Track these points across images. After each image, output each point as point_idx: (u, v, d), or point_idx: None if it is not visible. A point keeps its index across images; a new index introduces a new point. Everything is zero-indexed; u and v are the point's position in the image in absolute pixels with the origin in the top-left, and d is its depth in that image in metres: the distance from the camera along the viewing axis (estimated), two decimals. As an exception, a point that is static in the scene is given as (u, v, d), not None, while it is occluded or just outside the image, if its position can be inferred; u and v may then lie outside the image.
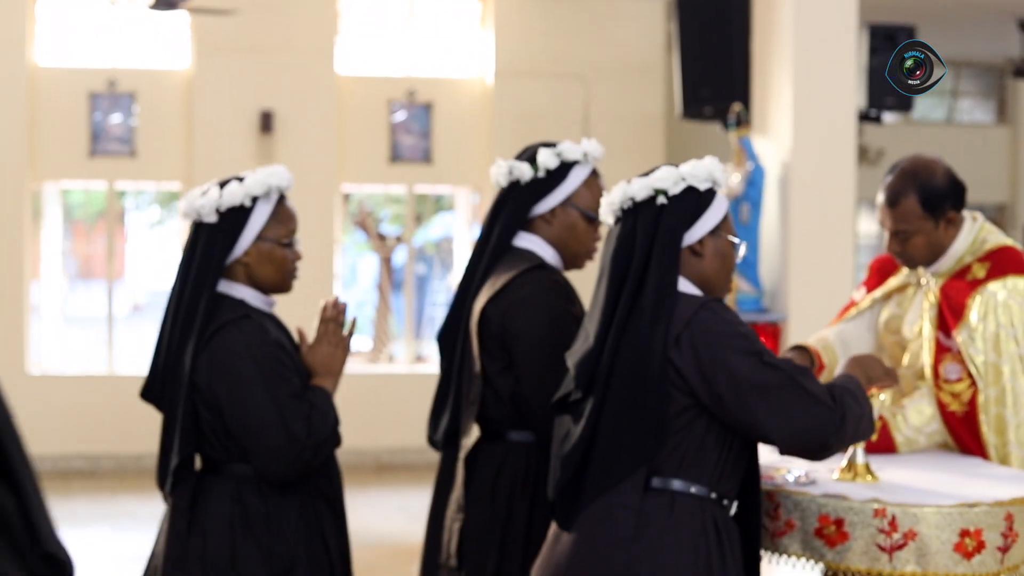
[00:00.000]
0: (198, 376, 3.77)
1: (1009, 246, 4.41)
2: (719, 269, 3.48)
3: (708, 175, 3.46)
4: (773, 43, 8.96)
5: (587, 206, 4.10)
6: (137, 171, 12.43)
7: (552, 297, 3.97)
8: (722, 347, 3.27)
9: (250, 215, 3.88)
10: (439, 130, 12.87)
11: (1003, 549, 3.50)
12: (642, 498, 3.27)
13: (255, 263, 3.89)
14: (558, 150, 4.12)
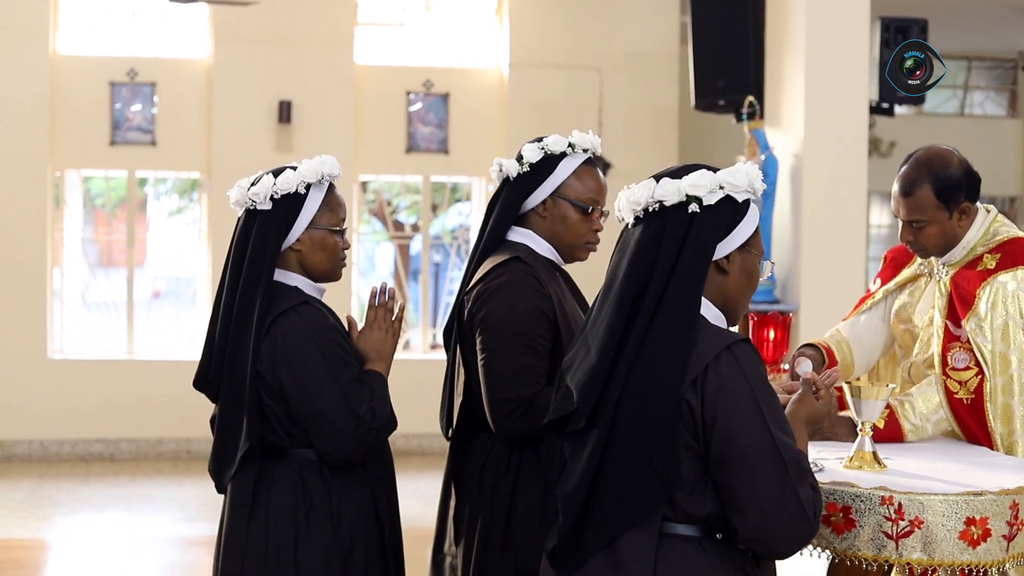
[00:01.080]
0: (260, 363, 3.81)
1: (1020, 238, 4.44)
2: (744, 288, 3.22)
3: (748, 184, 3.18)
4: (786, 36, 9.01)
5: (578, 197, 4.05)
6: (157, 160, 12.51)
7: (520, 288, 3.88)
8: (733, 407, 3.00)
9: (304, 202, 3.94)
10: (455, 120, 12.93)
11: (1008, 537, 3.51)
12: (658, 546, 3.04)
13: (307, 250, 3.94)
14: (543, 143, 4.06)
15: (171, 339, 13.06)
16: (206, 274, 12.56)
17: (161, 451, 12.16)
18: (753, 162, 8.90)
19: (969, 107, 17.43)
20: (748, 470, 2.97)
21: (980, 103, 17.52)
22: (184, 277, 13.65)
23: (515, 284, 3.89)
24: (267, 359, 3.81)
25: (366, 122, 12.76)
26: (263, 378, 3.81)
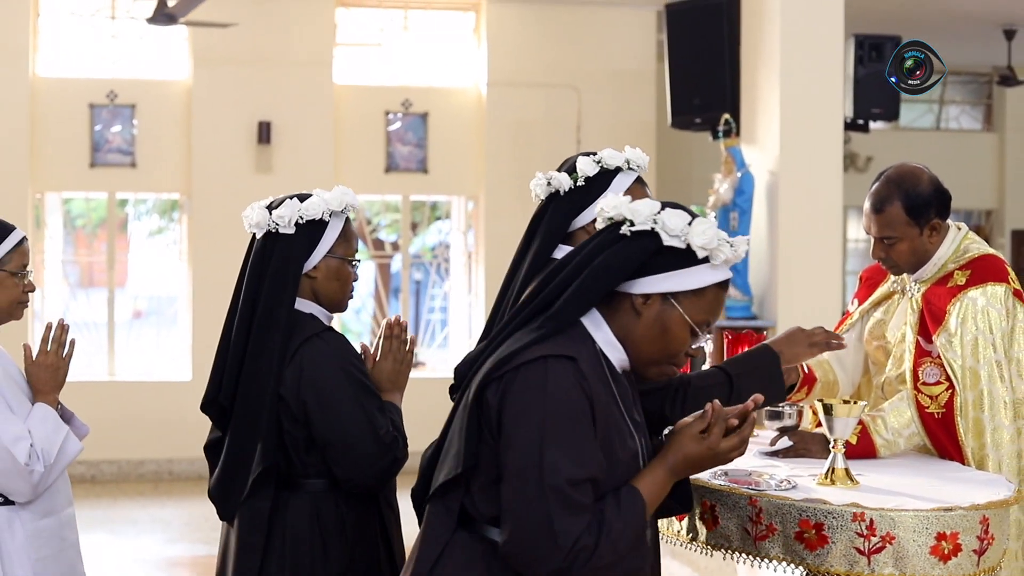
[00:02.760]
0: (284, 388, 3.79)
1: (990, 255, 4.49)
2: (652, 339, 3.05)
3: (687, 236, 3.00)
4: (761, 54, 9.06)
5: None
6: (137, 181, 12.54)
7: None
8: (518, 418, 2.89)
9: (325, 230, 3.93)
10: (434, 139, 12.99)
11: (979, 552, 3.53)
12: (453, 534, 3.02)
13: (323, 278, 3.93)
14: (598, 157, 3.82)
15: (152, 359, 13.06)
16: (187, 294, 12.58)
17: (143, 472, 12.16)
18: (729, 179, 8.96)
19: (945, 121, 17.52)
20: (511, 484, 2.86)
21: (956, 117, 17.61)
22: (165, 297, 13.67)
23: None
24: (292, 384, 3.79)
25: (345, 142, 12.80)
26: (286, 403, 3.80)
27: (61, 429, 4.11)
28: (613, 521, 2.86)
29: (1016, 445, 4.33)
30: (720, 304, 3.10)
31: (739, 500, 3.68)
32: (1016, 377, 4.38)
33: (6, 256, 4.12)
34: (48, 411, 4.10)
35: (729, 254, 3.03)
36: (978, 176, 17.25)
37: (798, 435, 4.29)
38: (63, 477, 4.21)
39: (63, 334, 4.22)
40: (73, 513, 4.28)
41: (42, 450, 3.99)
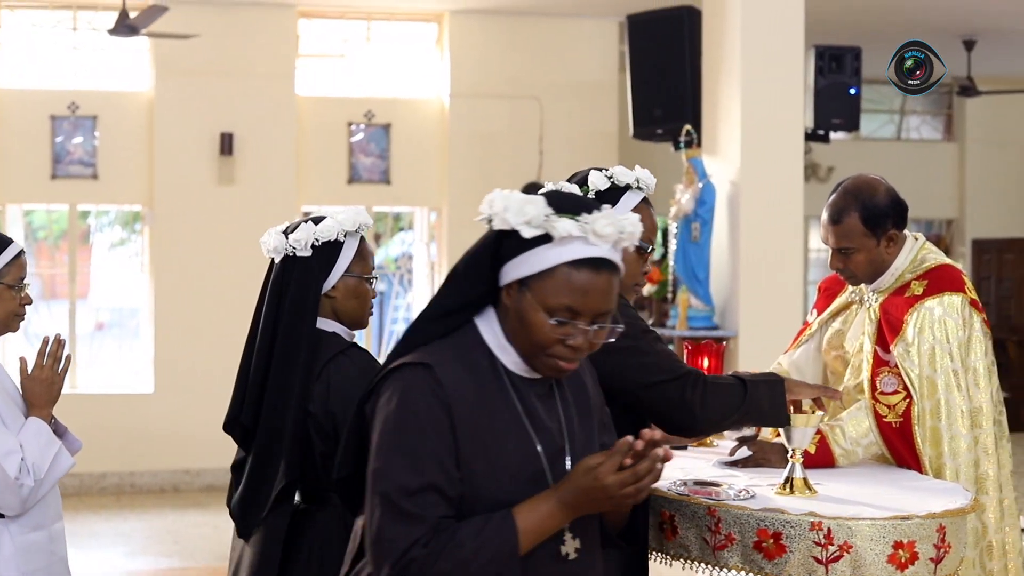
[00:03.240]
0: (313, 404, 3.87)
1: (947, 265, 4.50)
2: (517, 331, 2.88)
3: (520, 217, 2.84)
4: (722, 65, 9.10)
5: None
6: (99, 193, 12.50)
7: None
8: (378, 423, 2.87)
9: (341, 250, 4.02)
10: (397, 150, 12.99)
11: (936, 560, 3.54)
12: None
13: (342, 297, 4.03)
14: (610, 172, 3.85)
15: (114, 372, 13.01)
16: (149, 306, 12.54)
17: (104, 485, 12.12)
18: (691, 190, 8.99)
19: (906, 131, 17.60)
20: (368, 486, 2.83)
21: (916, 127, 17.69)
22: (127, 309, 13.62)
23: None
24: (320, 400, 3.86)
25: (308, 153, 12.79)
26: (315, 418, 3.86)
27: (53, 444, 4.12)
28: (465, 541, 2.73)
29: (973, 454, 4.35)
30: (588, 286, 2.77)
31: (698, 510, 3.68)
32: (973, 386, 4.40)
33: (3, 269, 4.14)
34: (41, 425, 4.12)
35: (574, 230, 2.76)
36: (939, 186, 17.34)
37: (757, 445, 4.31)
38: (54, 491, 4.23)
39: (59, 349, 4.25)
40: (63, 527, 4.29)
41: (33, 464, 4.00)
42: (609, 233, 2.79)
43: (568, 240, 2.78)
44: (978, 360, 4.44)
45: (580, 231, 2.77)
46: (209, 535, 10.46)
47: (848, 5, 12.34)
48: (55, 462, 4.09)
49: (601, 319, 2.83)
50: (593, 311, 2.82)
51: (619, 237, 2.82)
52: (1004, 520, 4.47)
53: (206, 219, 12.39)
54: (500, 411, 2.87)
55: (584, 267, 2.80)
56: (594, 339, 2.85)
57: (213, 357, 12.38)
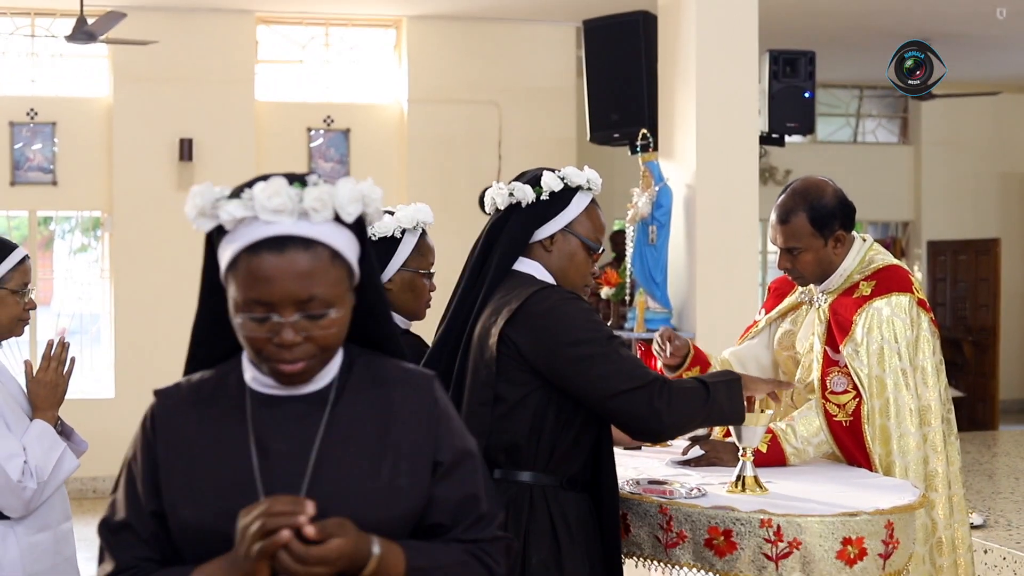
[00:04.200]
0: None
1: (894, 265, 4.55)
2: None
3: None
4: (677, 70, 9.14)
5: (587, 235, 3.84)
6: (59, 199, 12.49)
7: (579, 301, 3.70)
8: None
9: (398, 245, 4.24)
10: (356, 155, 13.02)
11: (884, 556, 3.59)
12: None
13: (398, 290, 4.24)
14: (562, 173, 3.85)
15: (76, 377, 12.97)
16: (109, 311, 12.53)
17: (68, 490, 12.10)
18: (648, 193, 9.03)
19: (862, 135, 17.69)
20: None
21: (872, 130, 17.78)
22: (88, 315, 13.59)
23: (571, 298, 3.69)
24: None
25: (267, 158, 12.80)
26: None
27: (58, 446, 4.15)
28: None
29: (922, 451, 4.39)
30: (272, 271, 2.32)
31: (649, 508, 3.73)
32: (921, 384, 4.45)
33: (8, 274, 4.19)
34: (46, 428, 4.15)
35: (237, 210, 2.35)
36: (895, 188, 17.45)
37: (710, 444, 4.36)
38: (60, 492, 4.26)
39: (63, 352, 4.30)
40: (71, 528, 4.32)
41: (36, 467, 4.02)
42: (280, 204, 2.33)
43: (241, 224, 2.36)
44: (926, 359, 4.48)
45: (244, 209, 2.34)
46: (170, 540, 10.45)
47: (802, 10, 12.41)
48: (59, 464, 4.12)
49: (310, 307, 2.35)
50: (289, 298, 2.33)
51: (307, 207, 2.35)
52: (953, 516, 4.52)
53: (166, 225, 12.39)
54: (226, 437, 2.45)
55: (262, 250, 2.34)
56: (311, 331, 2.37)
57: (174, 361, 12.32)
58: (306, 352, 2.38)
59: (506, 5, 12.57)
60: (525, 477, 3.64)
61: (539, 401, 3.63)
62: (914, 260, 17.53)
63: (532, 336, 3.60)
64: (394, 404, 2.50)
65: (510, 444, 3.63)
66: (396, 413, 2.49)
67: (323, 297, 2.36)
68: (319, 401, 2.46)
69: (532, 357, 3.61)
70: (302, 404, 2.46)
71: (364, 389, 2.51)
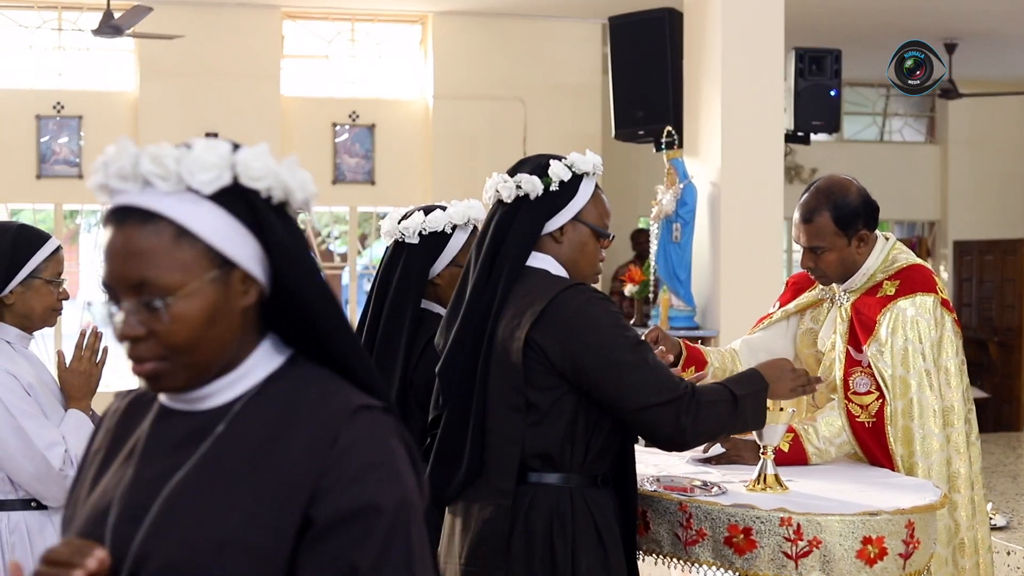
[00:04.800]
0: (418, 377, 4.06)
1: (918, 265, 4.52)
2: None
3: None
4: (703, 67, 9.13)
5: (596, 221, 3.71)
6: (84, 193, 12.51)
7: (607, 301, 3.61)
8: None
9: (448, 241, 4.25)
10: (381, 151, 13.02)
11: (904, 556, 3.57)
12: None
13: (446, 285, 4.20)
14: (569, 161, 3.70)
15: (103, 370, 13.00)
16: (134, 306, 12.56)
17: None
18: (672, 191, 9.03)
19: (888, 134, 17.63)
20: None
21: (899, 129, 17.71)
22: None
23: (598, 299, 3.58)
24: (423, 373, 4.05)
25: (292, 153, 12.80)
26: (417, 391, 4.06)
27: None
28: None
29: (945, 452, 4.38)
30: (107, 249, 1.97)
31: (669, 506, 3.73)
32: (945, 385, 4.43)
33: (42, 264, 4.16)
34: (82, 417, 4.15)
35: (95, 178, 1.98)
36: (921, 188, 17.38)
37: (731, 442, 4.35)
38: None
39: (96, 341, 4.29)
40: None
41: (76, 456, 4.01)
42: (120, 169, 1.96)
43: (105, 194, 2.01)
44: (949, 359, 4.46)
45: (99, 175, 1.98)
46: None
47: (829, 8, 12.39)
48: None
49: (144, 293, 1.94)
50: (121, 281, 1.95)
51: (145, 172, 1.96)
52: (975, 517, 4.50)
53: (190, 219, 12.39)
54: (125, 451, 2.10)
55: (107, 224, 1.99)
56: (151, 324, 1.95)
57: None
58: (151, 351, 1.95)
59: (532, 2, 12.57)
60: (561, 480, 3.52)
61: (571, 405, 3.52)
62: (940, 260, 17.47)
63: (559, 341, 3.48)
64: (290, 439, 1.96)
65: (545, 450, 3.51)
66: (286, 451, 1.95)
67: (159, 282, 1.92)
68: (212, 421, 2.00)
69: (560, 362, 3.48)
70: (196, 421, 2.02)
71: (267, 415, 1.99)
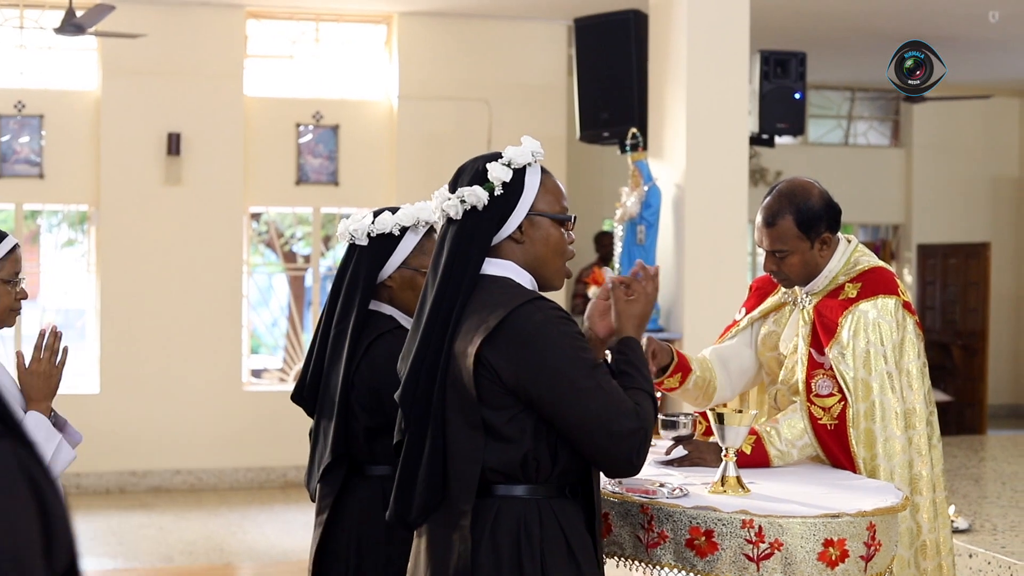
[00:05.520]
0: (359, 378, 4.06)
1: (880, 267, 4.53)
2: None
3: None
4: (668, 69, 9.14)
5: (551, 208, 3.47)
6: (45, 193, 12.46)
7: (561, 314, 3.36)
8: None
9: (398, 243, 4.20)
10: (345, 152, 12.99)
11: (866, 558, 3.58)
12: None
13: (398, 287, 4.21)
14: (507, 159, 3.47)
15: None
16: (95, 306, 12.50)
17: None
18: (637, 192, 9.03)
19: (853, 137, 17.70)
20: None
21: (864, 133, 17.80)
22: (74, 310, 13.56)
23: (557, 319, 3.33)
24: (365, 376, 4.05)
25: (256, 154, 12.77)
26: (358, 393, 4.06)
27: (53, 437, 4.10)
28: None
29: (907, 455, 4.39)
30: None
31: (631, 508, 3.73)
32: (907, 388, 4.44)
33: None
34: (40, 419, 4.11)
35: None
36: (886, 191, 17.48)
37: (693, 444, 4.34)
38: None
39: (56, 341, 4.24)
40: None
41: None
42: None
43: None
44: (911, 362, 4.47)
45: None
46: (154, 536, 10.43)
47: (794, 11, 12.41)
48: (56, 455, 4.08)
49: None
50: None
51: None
52: (937, 520, 4.51)
53: (153, 219, 12.37)
54: None
55: None
56: None
57: (159, 358, 12.36)
58: None
59: (497, 2, 12.56)
60: (528, 492, 3.35)
61: (532, 420, 3.31)
62: (904, 263, 17.55)
63: (512, 360, 3.28)
64: None
65: (508, 465, 3.33)
66: None
67: None
68: None
69: (511, 381, 3.28)
70: None
71: None
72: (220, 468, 12.58)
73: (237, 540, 10.34)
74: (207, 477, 12.56)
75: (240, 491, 12.42)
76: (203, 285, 12.49)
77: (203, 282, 12.49)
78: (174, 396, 12.41)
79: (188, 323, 12.41)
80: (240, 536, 10.50)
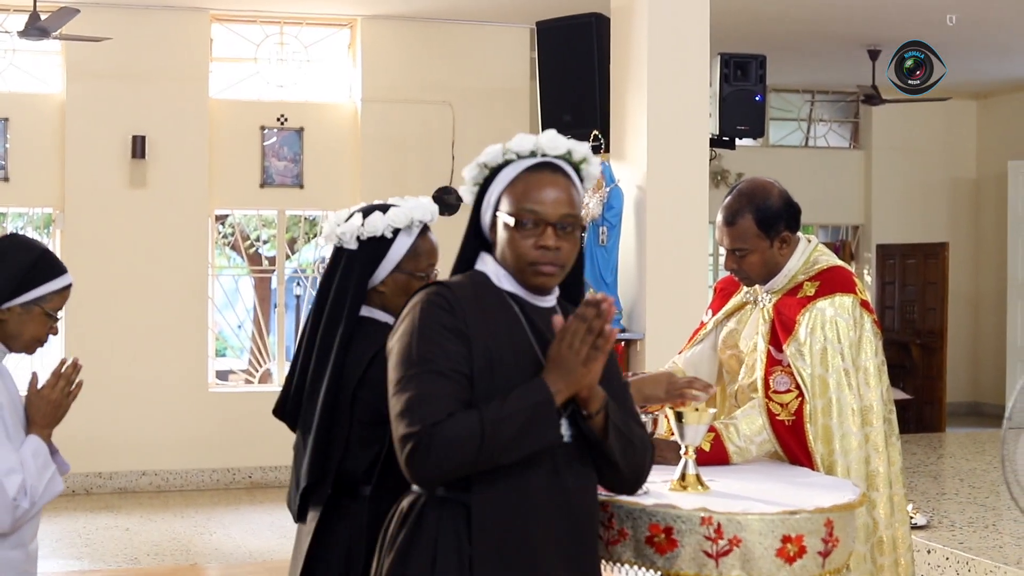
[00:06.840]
0: (364, 391, 3.72)
1: (838, 266, 4.58)
2: None
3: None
4: (629, 72, 9.19)
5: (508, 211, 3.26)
6: (10, 195, 12.44)
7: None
8: None
9: (390, 246, 3.90)
10: (310, 154, 13.01)
11: (824, 554, 3.60)
12: None
13: (390, 293, 3.91)
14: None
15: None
16: (60, 310, 12.48)
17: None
18: (599, 194, 9.08)
19: (813, 139, 17.78)
20: None
21: (823, 135, 17.88)
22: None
23: (421, 302, 3.24)
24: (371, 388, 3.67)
25: (221, 156, 12.78)
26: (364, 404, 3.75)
27: (48, 467, 4.01)
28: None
29: (864, 451, 4.43)
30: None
31: (592, 505, 3.76)
32: (863, 385, 4.49)
33: (50, 295, 4.04)
34: (40, 445, 4.01)
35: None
36: (846, 192, 17.58)
37: (653, 442, 4.38)
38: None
39: (73, 372, 4.15)
40: (37, 547, 4.17)
41: (31, 486, 3.88)
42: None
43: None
44: (868, 360, 4.52)
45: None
46: (120, 537, 10.43)
47: (754, 14, 12.48)
48: (48, 486, 3.98)
49: None
50: None
51: None
52: (894, 516, 4.55)
53: (118, 222, 12.37)
54: None
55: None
56: None
57: (125, 360, 12.35)
58: None
59: (460, 6, 12.59)
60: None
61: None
62: (864, 263, 17.65)
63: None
64: None
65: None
66: None
67: None
68: None
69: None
70: None
71: None
72: (186, 469, 12.59)
73: (203, 541, 10.36)
74: (173, 479, 12.56)
75: (206, 492, 12.43)
76: (168, 287, 12.49)
77: (168, 284, 12.49)
78: (140, 398, 12.40)
79: (154, 325, 12.41)
80: (206, 537, 10.51)
